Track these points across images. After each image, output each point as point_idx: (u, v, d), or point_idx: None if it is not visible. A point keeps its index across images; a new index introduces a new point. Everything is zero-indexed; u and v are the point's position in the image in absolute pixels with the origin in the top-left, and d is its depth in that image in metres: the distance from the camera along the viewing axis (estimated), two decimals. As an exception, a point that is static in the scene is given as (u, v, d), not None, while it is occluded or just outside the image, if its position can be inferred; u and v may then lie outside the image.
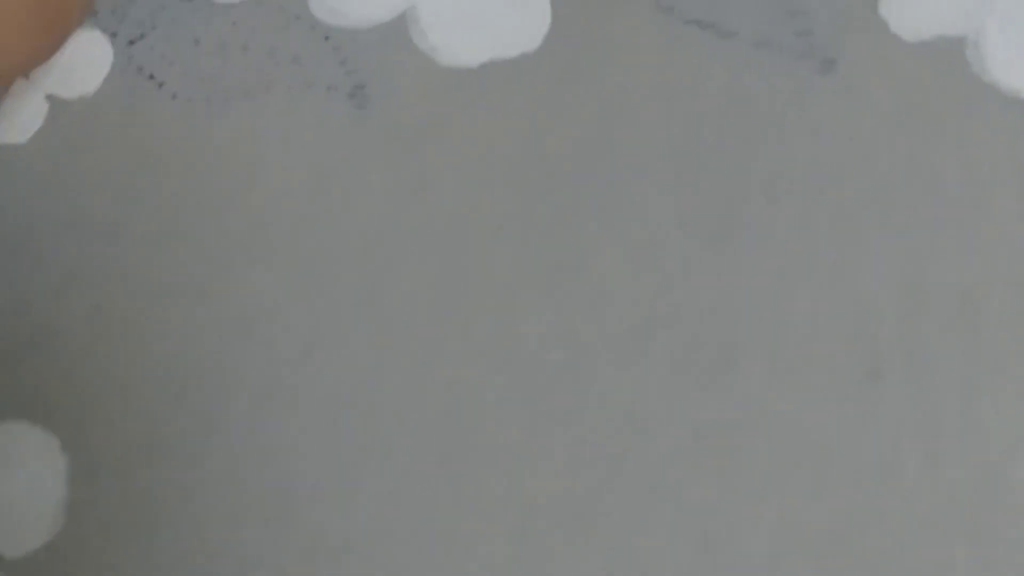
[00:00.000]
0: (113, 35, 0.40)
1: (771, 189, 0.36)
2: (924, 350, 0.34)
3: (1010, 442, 0.34)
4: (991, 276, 0.35)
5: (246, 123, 0.38)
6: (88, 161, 0.38)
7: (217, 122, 0.38)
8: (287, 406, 0.35)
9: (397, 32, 0.39)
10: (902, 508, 0.34)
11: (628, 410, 0.35)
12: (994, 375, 0.34)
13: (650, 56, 0.38)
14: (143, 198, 0.37)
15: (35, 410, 0.36)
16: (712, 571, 0.34)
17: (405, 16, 0.39)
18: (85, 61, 0.39)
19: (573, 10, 0.38)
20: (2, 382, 0.36)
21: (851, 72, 0.37)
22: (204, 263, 0.36)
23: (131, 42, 0.40)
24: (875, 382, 0.34)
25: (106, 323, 0.36)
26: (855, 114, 0.36)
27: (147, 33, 0.40)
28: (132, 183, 0.38)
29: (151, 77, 0.39)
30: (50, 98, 0.39)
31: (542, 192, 0.36)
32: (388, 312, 0.35)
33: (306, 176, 0.37)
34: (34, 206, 0.38)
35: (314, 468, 0.35)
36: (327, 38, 0.39)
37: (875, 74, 0.37)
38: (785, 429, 0.35)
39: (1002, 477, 0.34)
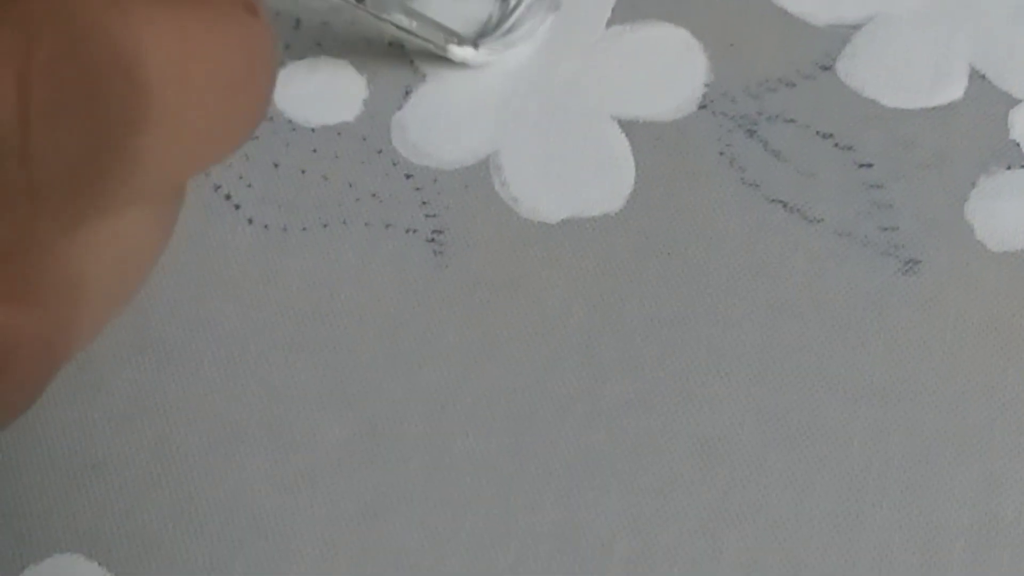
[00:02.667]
0: (191, 148, 0.35)
1: (848, 393, 0.32)
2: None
3: None
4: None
5: (321, 258, 0.34)
6: (158, 281, 0.34)
7: (292, 253, 0.34)
8: (350, 565, 0.31)
9: (479, 178, 0.35)
10: None
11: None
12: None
13: (733, 233, 0.34)
14: (212, 326, 0.33)
15: (92, 543, 0.31)
16: None
17: (488, 162, 0.34)
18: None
19: (657, 174, 0.35)
20: (59, 510, 0.31)
21: (933, 277, 0.33)
22: (273, 403, 0.32)
23: (209, 157, 0.35)
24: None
25: (170, 456, 0.32)
26: (934, 324, 0.33)
27: (226, 150, 0.35)
28: (201, 308, 0.34)
29: (228, 197, 0.35)
30: (124, 209, 0.34)
31: (614, 368, 0.32)
32: (452, 482, 0.32)
33: (380, 322, 0.33)
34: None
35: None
36: (408, 176, 0.35)
37: (957, 282, 0.33)
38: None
39: None
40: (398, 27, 0.34)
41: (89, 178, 0.25)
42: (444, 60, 0.36)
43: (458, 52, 0.35)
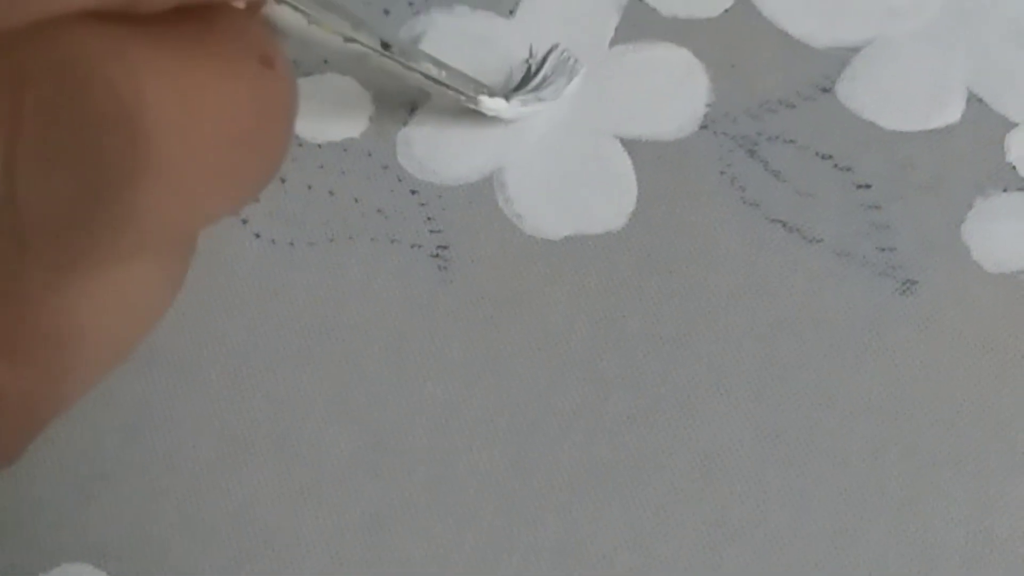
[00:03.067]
0: (199, 163, 0.35)
1: (846, 411, 0.32)
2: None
3: None
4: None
5: (328, 272, 0.34)
6: (167, 294, 0.34)
7: (298, 268, 0.34)
8: (355, 574, 0.31)
9: (483, 195, 0.35)
10: None
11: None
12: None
13: (733, 251, 0.34)
14: (219, 339, 0.34)
15: (100, 553, 0.32)
16: None
17: (492, 179, 0.35)
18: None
19: (659, 193, 0.35)
20: (68, 520, 0.32)
21: (930, 297, 0.34)
22: (279, 416, 0.33)
23: (217, 172, 0.35)
24: (937, 632, 0.31)
25: (178, 468, 0.32)
26: (931, 344, 0.33)
27: (234, 165, 0.35)
28: (209, 322, 0.34)
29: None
30: (132, 222, 0.35)
31: (616, 384, 0.33)
32: (456, 495, 0.32)
33: (385, 336, 0.34)
34: (111, 337, 0.33)
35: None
36: (414, 192, 0.35)
37: (954, 302, 0.33)
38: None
39: None
40: (427, 76, 0.34)
41: (83, 228, 0.24)
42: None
43: (489, 103, 0.35)
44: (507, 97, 0.35)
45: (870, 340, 0.34)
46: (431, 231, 0.35)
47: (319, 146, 0.37)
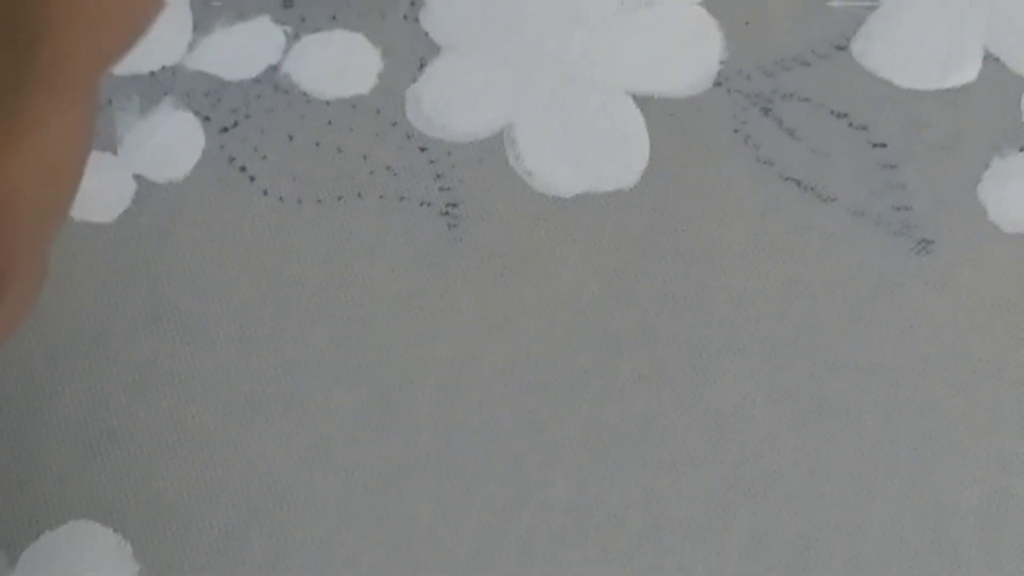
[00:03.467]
0: (206, 119, 0.35)
1: (860, 370, 0.32)
2: (1005, 563, 0.31)
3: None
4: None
5: (336, 230, 0.34)
6: (173, 251, 0.34)
7: (307, 225, 0.34)
8: (364, 535, 0.31)
9: (493, 151, 0.35)
10: None
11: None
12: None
13: (746, 210, 0.34)
14: (227, 297, 0.33)
15: (108, 510, 0.31)
16: None
17: (503, 135, 0.35)
18: (176, 143, 0.35)
19: (672, 150, 0.35)
20: (75, 477, 0.31)
21: (946, 257, 0.33)
22: (287, 374, 0.32)
23: (224, 129, 0.35)
24: (953, 591, 0.31)
25: (185, 426, 0.32)
26: (946, 303, 0.33)
27: (240, 122, 0.35)
28: (217, 280, 0.34)
29: (242, 169, 0.35)
30: (138, 178, 0.35)
31: (628, 343, 0.33)
32: (465, 454, 0.32)
33: (394, 294, 0.33)
34: (116, 294, 0.33)
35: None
36: (423, 149, 0.35)
37: (970, 262, 0.33)
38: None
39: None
40: None
41: (7, 87, 0.24)
42: (460, 31, 0.36)
43: None
44: None
45: (884, 300, 0.34)
46: (440, 188, 0.35)
47: (327, 103, 0.36)
